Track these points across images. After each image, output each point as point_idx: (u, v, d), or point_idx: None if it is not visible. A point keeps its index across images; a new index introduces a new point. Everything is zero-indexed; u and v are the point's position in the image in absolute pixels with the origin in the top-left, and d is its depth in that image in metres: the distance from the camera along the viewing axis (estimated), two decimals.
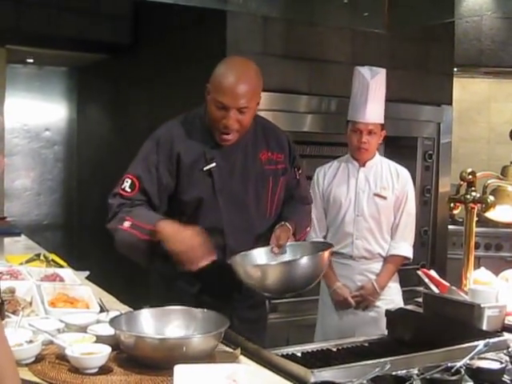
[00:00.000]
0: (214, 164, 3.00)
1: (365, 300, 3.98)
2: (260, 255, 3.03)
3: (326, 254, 2.93)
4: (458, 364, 2.26)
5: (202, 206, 3.02)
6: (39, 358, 2.18)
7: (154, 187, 2.97)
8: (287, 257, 2.99)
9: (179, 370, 1.97)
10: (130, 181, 2.96)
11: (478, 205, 3.15)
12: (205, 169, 3.00)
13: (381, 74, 4.13)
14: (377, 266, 4.04)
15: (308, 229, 3.33)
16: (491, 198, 3.11)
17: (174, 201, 3.04)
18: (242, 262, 2.95)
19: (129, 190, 2.94)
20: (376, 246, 4.06)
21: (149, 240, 2.80)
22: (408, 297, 3.92)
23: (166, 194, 3.01)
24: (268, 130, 3.17)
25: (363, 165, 4.11)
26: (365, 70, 4.11)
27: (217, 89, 2.90)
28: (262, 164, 3.12)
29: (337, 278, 4.04)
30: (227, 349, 2.40)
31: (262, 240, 3.08)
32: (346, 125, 4.11)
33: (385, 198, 4.03)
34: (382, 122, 4.08)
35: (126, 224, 2.85)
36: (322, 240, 3.99)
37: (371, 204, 4.05)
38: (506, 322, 2.90)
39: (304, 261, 2.84)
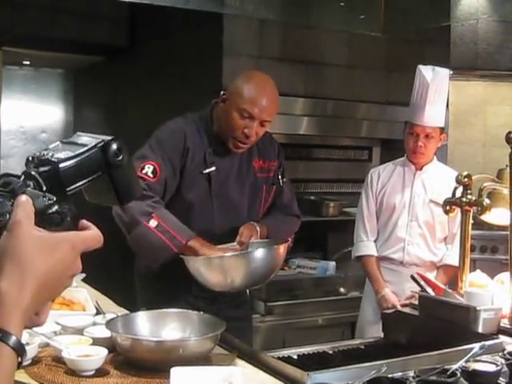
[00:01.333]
0: (213, 168, 3.07)
1: None
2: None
3: (281, 248, 2.92)
4: (454, 366, 2.26)
5: (196, 208, 3.08)
6: (36, 361, 2.19)
7: (171, 180, 3.02)
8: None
9: (175, 372, 1.98)
10: (152, 167, 2.97)
11: (474, 207, 3.15)
12: (204, 172, 3.06)
13: (442, 76, 3.90)
14: (428, 274, 3.78)
15: (289, 241, 3.17)
16: (487, 200, 3.11)
17: (170, 199, 3.07)
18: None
19: (151, 176, 2.95)
20: (428, 253, 3.93)
21: (176, 251, 2.84)
22: None
23: (174, 189, 3.06)
24: (261, 139, 3.19)
25: (420, 169, 3.98)
26: (426, 70, 3.88)
27: (244, 99, 3.00)
28: (255, 172, 3.21)
29: (385, 284, 3.90)
30: (223, 351, 2.40)
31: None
32: (404, 125, 3.97)
33: (440, 204, 3.71)
34: (442, 125, 3.92)
35: (152, 223, 2.85)
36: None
37: (426, 210, 3.92)
38: (502, 324, 2.91)
39: (257, 254, 2.86)
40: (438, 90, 3.86)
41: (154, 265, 2.97)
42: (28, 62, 7.87)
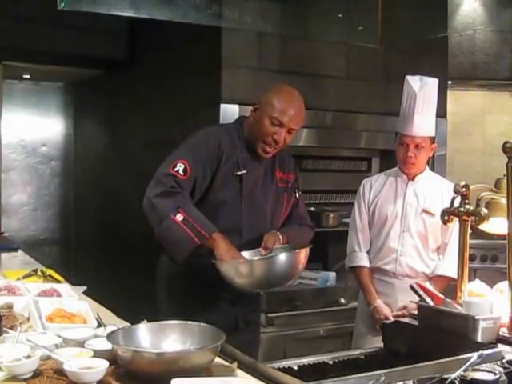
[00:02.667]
0: (245, 171, 3.34)
1: None
2: (246, 256, 3.27)
3: (303, 252, 3.20)
4: (453, 376, 2.27)
5: (226, 207, 3.33)
6: (37, 373, 2.19)
7: (201, 180, 3.25)
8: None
9: (176, 383, 1.99)
10: (183, 165, 3.20)
11: (472, 217, 3.16)
12: (237, 173, 3.33)
13: (430, 85, 3.88)
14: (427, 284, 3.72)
15: (310, 245, 3.37)
16: (485, 210, 3.12)
17: (202, 197, 3.31)
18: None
19: (182, 174, 3.18)
20: (421, 263, 3.90)
21: (199, 244, 3.06)
22: None
23: (203, 190, 3.29)
24: (281, 154, 3.51)
25: (412, 179, 3.96)
26: (414, 80, 3.88)
27: (275, 108, 3.31)
28: (277, 182, 3.50)
29: (378, 296, 3.89)
30: (224, 362, 2.41)
31: None
32: (395, 136, 3.96)
33: (433, 214, 3.82)
34: (432, 135, 3.89)
35: (179, 217, 3.07)
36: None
37: (419, 220, 3.89)
38: (501, 333, 2.92)
39: (282, 257, 3.13)
40: (426, 100, 3.85)
41: (178, 257, 3.16)
42: (28, 76, 7.90)
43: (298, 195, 3.64)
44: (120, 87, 6.86)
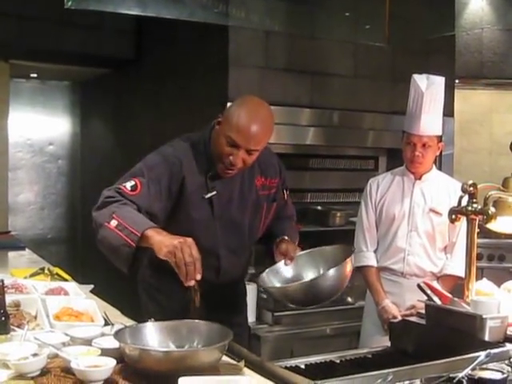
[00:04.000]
0: (214, 192, 3.05)
1: None
2: (283, 270, 3.17)
3: (349, 261, 3.01)
4: (460, 375, 2.27)
5: (200, 229, 3.04)
6: (45, 372, 2.20)
7: (155, 201, 2.93)
8: (306, 268, 3.16)
9: (184, 382, 1.99)
10: (133, 182, 2.90)
11: (480, 216, 3.16)
12: (206, 197, 3.04)
13: (437, 84, 3.86)
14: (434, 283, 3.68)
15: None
16: (492, 209, 3.11)
17: (169, 220, 3.02)
18: (270, 281, 3.12)
19: (129, 189, 2.88)
20: (429, 263, 3.88)
21: (134, 246, 2.68)
22: None
23: (161, 212, 2.97)
24: (262, 156, 3.13)
25: (419, 178, 3.94)
26: (420, 79, 3.87)
27: (231, 126, 2.90)
28: (257, 190, 3.20)
29: (385, 295, 3.88)
30: (231, 361, 2.41)
31: (246, 260, 3.33)
32: (402, 135, 3.94)
33: (440, 214, 3.81)
34: (439, 134, 3.87)
35: (113, 223, 2.73)
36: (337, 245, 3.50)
37: (426, 219, 3.88)
38: (508, 332, 2.91)
39: (331, 273, 2.93)
40: (433, 99, 3.84)
41: (122, 267, 2.81)
42: (35, 75, 7.92)
43: (286, 195, 3.41)
44: (127, 86, 6.86)
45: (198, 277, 2.56)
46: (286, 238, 3.20)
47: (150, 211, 2.90)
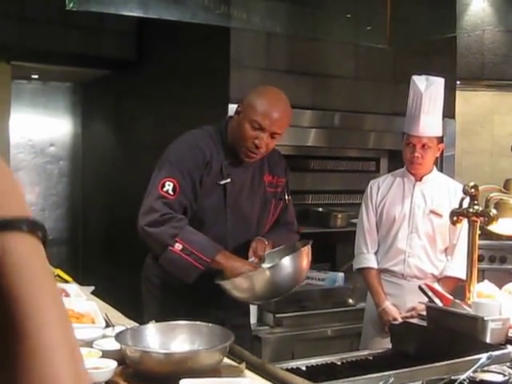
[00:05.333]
0: (229, 180, 3.18)
1: None
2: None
3: (306, 249, 3.05)
4: (462, 377, 2.27)
5: (211, 216, 3.19)
6: None
7: (191, 194, 3.12)
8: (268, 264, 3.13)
9: None
10: (171, 184, 3.07)
11: (481, 218, 3.16)
12: (221, 183, 3.17)
13: (436, 85, 3.87)
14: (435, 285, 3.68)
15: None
16: (494, 211, 3.12)
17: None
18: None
19: (171, 193, 3.06)
20: (429, 265, 3.88)
21: (203, 269, 2.98)
22: None
23: (194, 202, 3.16)
24: (271, 155, 3.34)
25: (420, 179, 3.94)
26: (420, 80, 3.87)
27: (256, 111, 3.11)
28: (265, 186, 3.33)
29: (386, 297, 3.88)
30: (232, 363, 2.41)
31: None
32: (401, 136, 3.95)
33: (441, 215, 3.82)
34: (439, 135, 3.88)
35: (178, 246, 2.97)
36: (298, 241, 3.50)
37: (426, 221, 3.88)
38: (510, 334, 2.91)
39: (286, 262, 2.97)
40: (432, 100, 3.84)
41: (188, 281, 3.07)
42: (36, 76, 7.91)
43: (287, 199, 3.50)
44: (128, 87, 6.86)
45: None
46: (259, 237, 3.25)
47: (190, 205, 3.13)
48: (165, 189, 3.06)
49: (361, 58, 5.37)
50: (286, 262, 2.97)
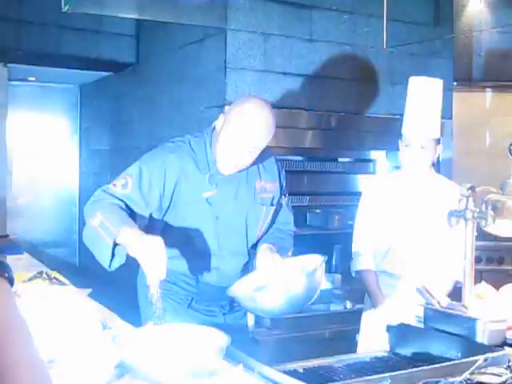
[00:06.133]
0: (214, 192, 3.07)
1: None
2: (255, 279, 3.05)
3: (320, 268, 2.92)
4: (459, 379, 2.27)
5: (198, 231, 3.08)
6: None
7: (148, 199, 2.98)
8: (280, 276, 2.99)
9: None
10: (125, 181, 2.98)
11: (478, 219, 3.15)
12: (205, 196, 3.05)
13: (436, 86, 3.84)
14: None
15: (289, 252, 3.26)
16: (491, 212, 3.11)
17: (169, 221, 3.08)
18: (241, 290, 2.97)
19: (120, 187, 2.95)
20: (427, 266, 3.86)
21: (111, 242, 2.76)
22: None
23: (156, 211, 3.03)
24: (262, 160, 3.19)
25: (417, 181, 3.91)
26: (419, 81, 3.85)
27: (234, 127, 2.97)
28: (257, 193, 3.21)
29: (384, 298, 3.84)
30: (229, 365, 2.40)
31: (247, 262, 3.23)
32: (399, 137, 3.90)
33: (439, 217, 3.65)
34: (437, 136, 3.84)
35: (96, 220, 2.81)
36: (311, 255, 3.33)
37: (424, 222, 3.86)
38: (507, 336, 2.91)
39: (302, 279, 2.85)
40: (431, 101, 3.82)
41: (103, 263, 2.89)
42: (34, 78, 7.91)
43: (283, 201, 3.38)
44: (126, 89, 6.87)
45: (162, 276, 2.60)
46: (268, 245, 3.12)
47: (141, 210, 2.97)
48: (114, 182, 2.99)
49: (358, 60, 5.37)
50: (302, 279, 2.86)
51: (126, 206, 2.92)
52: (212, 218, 3.09)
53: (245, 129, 2.94)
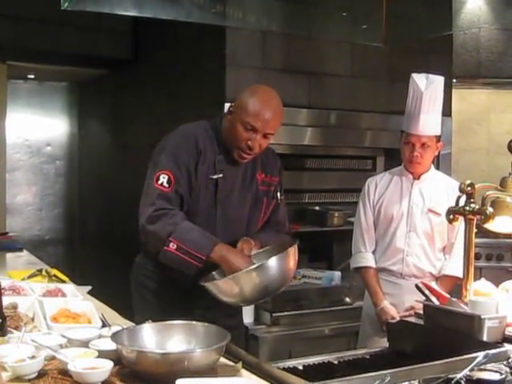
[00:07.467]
0: (221, 175, 3.15)
1: None
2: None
3: (292, 250, 2.96)
4: (459, 375, 2.26)
5: (200, 211, 3.15)
6: (42, 374, 2.19)
7: (186, 184, 3.09)
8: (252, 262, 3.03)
9: None
10: (166, 177, 3.05)
11: (477, 216, 3.15)
12: (213, 177, 3.14)
13: (436, 83, 3.84)
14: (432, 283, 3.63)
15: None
16: (490, 209, 3.11)
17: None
18: (213, 279, 3.02)
19: (166, 186, 3.04)
20: (428, 264, 3.86)
21: (201, 266, 2.93)
22: None
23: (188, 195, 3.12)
24: (265, 153, 3.29)
25: (418, 178, 3.91)
26: (419, 78, 3.84)
27: (248, 112, 3.06)
28: (258, 184, 3.28)
29: (384, 297, 3.84)
30: (228, 362, 2.40)
31: None
32: (400, 134, 3.92)
33: (439, 214, 3.76)
34: (438, 133, 3.85)
35: (172, 246, 2.93)
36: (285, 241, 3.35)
37: (425, 219, 3.85)
38: (507, 332, 2.91)
39: (272, 262, 2.87)
40: (432, 98, 3.81)
41: (190, 275, 3.00)
42: (32, 76, 7.91)
43: (279, 199, 3.42)
44: (124, 87, 6.86)
45: None
46: (246, 238, 3.17)
47: (186, 195, 3.10)
48: (159, 182, 3.04)
49: (357, 57, 5.37)
50: (273, 262, 2.87)
51: (181, 203, 3.08)
52: (215, 201, 3.16)
53: (262, 111, 3.05)
